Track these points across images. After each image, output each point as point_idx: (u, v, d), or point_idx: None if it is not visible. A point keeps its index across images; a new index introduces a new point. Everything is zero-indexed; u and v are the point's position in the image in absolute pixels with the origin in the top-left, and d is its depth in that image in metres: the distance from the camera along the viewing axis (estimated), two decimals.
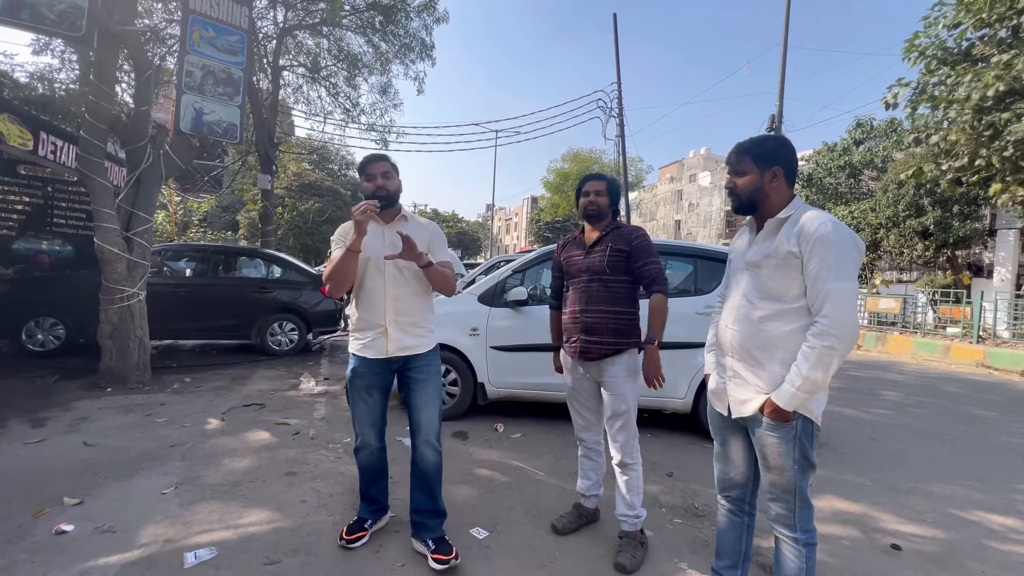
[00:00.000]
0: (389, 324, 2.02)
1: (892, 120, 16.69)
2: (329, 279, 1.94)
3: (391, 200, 2.04)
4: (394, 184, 2.06)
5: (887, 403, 5.44)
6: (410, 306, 2.05)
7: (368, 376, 2.05)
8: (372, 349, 2.03)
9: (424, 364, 2.09)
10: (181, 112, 5.16)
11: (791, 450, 1.48)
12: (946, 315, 11.29)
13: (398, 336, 2.03)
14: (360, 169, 2.08)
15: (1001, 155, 7.11)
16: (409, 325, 2.05)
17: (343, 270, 1.91)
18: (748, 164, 1.57)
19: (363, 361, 2.05)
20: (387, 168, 2.05)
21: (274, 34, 10.32)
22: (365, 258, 1.99)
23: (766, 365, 1.50)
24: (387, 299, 2.01)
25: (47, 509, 2.38)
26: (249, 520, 2.35)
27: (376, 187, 2.00)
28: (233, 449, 3.27)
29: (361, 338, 2.06)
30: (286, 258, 7.48)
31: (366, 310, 2.04)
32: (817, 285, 1.40)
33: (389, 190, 2.03)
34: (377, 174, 2.02)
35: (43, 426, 3.57)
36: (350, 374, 2.08)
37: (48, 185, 7.35)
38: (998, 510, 2.83)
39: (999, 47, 7.24)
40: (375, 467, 2.21)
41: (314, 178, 21.58)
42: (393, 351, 2.03)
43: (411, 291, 2.05)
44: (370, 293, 2.03)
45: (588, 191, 2.28)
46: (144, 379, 4.90)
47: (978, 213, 13.40)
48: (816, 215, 1.44)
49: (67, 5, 4.24)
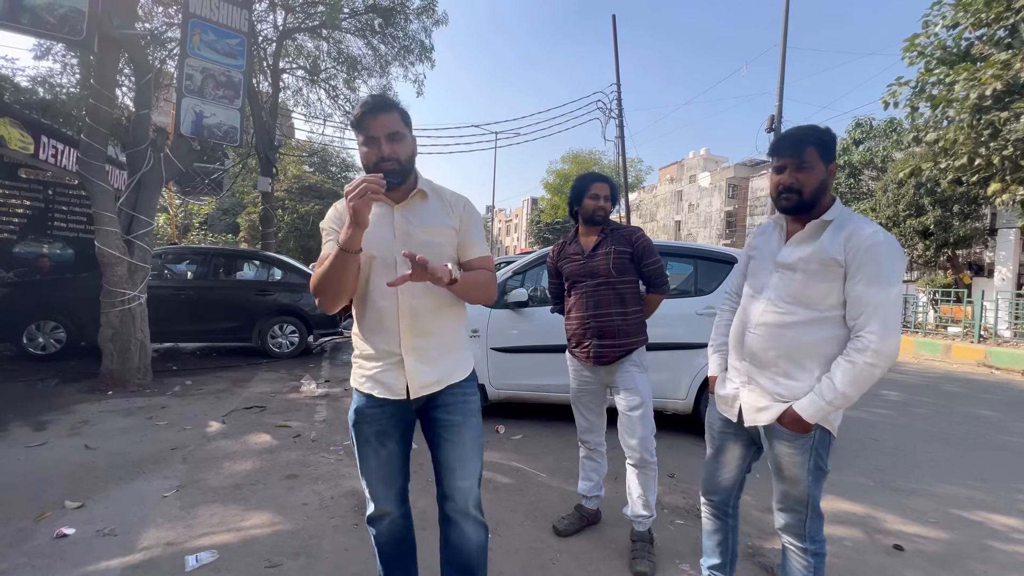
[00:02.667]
0: (407, 352, 1.36)
1: (891, 120, 16.71)
2: (319, 289, 1.30)
3: (403, 174, 1.34)
4: (406, 148, 1.35)
5: (888, 403, 5.43)
6: (435, 324, 1.40)
7: (379, 420, 1.41)
8: (382, 386, 1.38)
9: (458, 400, 1.43)
10: (181, 115, 5.17)
11: (806, 461, 1.41)
12: (947, 314, 11.28)
13: (419, 368, 1.37)
14: (355, 125, 1.34)
15: (1001, 154, 7.12)
16: (435, 351, 1.40)
17: (337, 277, 1.25)
18: (815, 157, 1.38)
19: (371, 401, 1.40)
20: (395, 124, 1.32)
21: (274, 37, 10.34)
22: (368, 257, 1.34)
23: (791, 374, 1.41)
24: (402, 316, 1.35)
25: (48, 513, 2.38)
26: (250, 523, 2.35)
27: (380, 155, 1.30)
28: (234, 452, 3.27)
29: (366, 369, 1.40)
30: (286, 260, 7.49)
31: (372, 332, 1.38)
32: (865, 298, 1.30)
33: (400, 158, 1.32)
34: (380, 136, 1.30)
35: (44, 429, 3.57)
36: (354, 416, 1.43)
37: (49, 189, 7.37)
38: (1000, 510, 2.83)
39: (997, 47, 7.25)
40: (397, 541, 1.62)
41: (314, 180, 21.60)
42: (416, 390, 1.38)
43: (435, 303, 1.38)
44: (377, 308, 1.36)
45: (597, 194, 2.21)
46: (145, 382, 4.90)
47: (978, 212, 13.40)
48: (867, 223, 1.36)
49: (67, 9, 4.26)
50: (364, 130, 1.32)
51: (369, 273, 1.37)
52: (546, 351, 3.86)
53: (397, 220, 1.38)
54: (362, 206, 1.16)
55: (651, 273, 2.22)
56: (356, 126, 1.34)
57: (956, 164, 7.79)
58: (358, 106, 1.34)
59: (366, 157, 1.34)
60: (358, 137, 1.35)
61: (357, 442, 1.46)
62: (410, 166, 1.38)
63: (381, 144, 1.31)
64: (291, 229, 19.99)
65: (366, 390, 1.41)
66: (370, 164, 1.32)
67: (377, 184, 1.16)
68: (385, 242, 1.36)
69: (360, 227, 1.20)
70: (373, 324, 1.38)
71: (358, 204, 1.16)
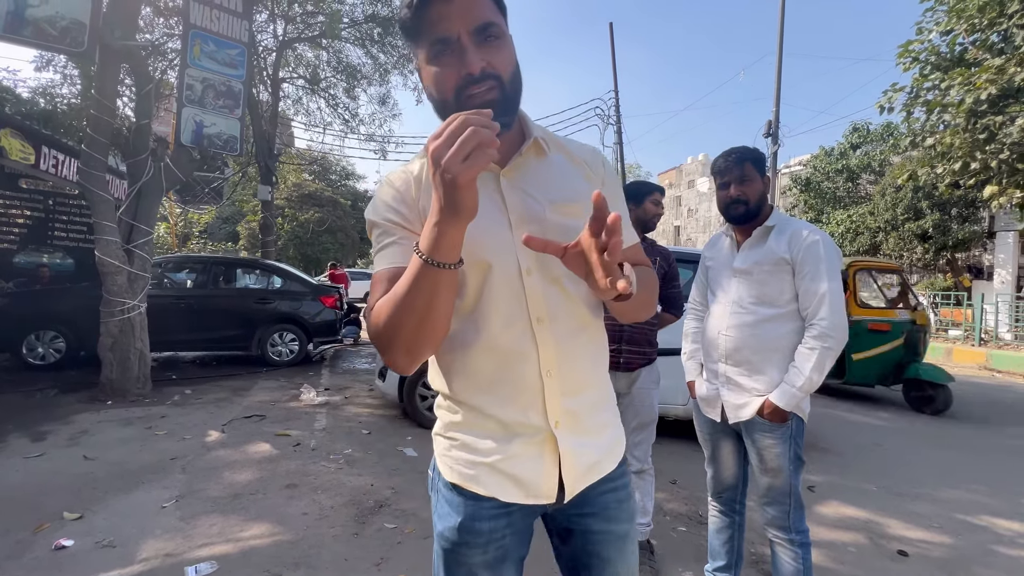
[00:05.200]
0: (558, 422, 0.80)
1: (888, 124, 16.81)
2: (386, 334, 0.70)
3: (511, 106, 0.75)
4: (508, 56, 0.74)
5: (891, 407, 5.41)
6: (589, 368, 0.84)
7: (500, 540, 0.83)
8: (517, 484, 0.80)
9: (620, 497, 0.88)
10: (182, 125, 5.20)
11: (787, 450, 1.54)
12: (947, 318, 11.28)
13: (577, 448, 0.82)
14: (409, 23, 0.73)
15: (997, 157, 7.16)
16: (592, 414, 0.85)
17: (423, 310, 0.66)
18: (753, 171, 1.60)
19: (490, 508, 0.81)
20: (484, 10, 0.72)
21: (274, 47, 10.43)
22: (479, 268, 0.77)
23: (763, 368, 1.55)
24: (544, 358, 0.78)
25: (47, 524, 2.36)
26: (250, 533, 2.34)
27: (468, 72, 0.70)
28: (234, 461, 3.25)
29: (480, 455, 0.81)
30: (286, 268, 7.49)
31: (486, 392, 0.80)
32: (812, 288, 1.49)
33: (501, 74, 0.72)
34: (462, 33, 0.70)
35: (43, 440, 3.55)
36: (456, 535, 0.82)
37: (49, 199, 7.39)
38: (1005, 515, 2.81)
39: (991, 52, 7.31)
40: None
41: (314, 188, 21.69)
42: (572, 487, 0.82)
43: (585, 333, 0.83)
44: (498, 351, 0.79)
45: (658, 200, 2.28)
46: (144, 391, 4.88)
47: (977, 216, 13.44)
48: (804, 225, 1.57)
49: (69, 21, 4.29)
50: (428, 27, 0.71)
51: (477, 291, 0.78)
52: None
53: (509, 196, 0.79)
54: (472, 175, 0.57)
55: (673, 295, 2.33)
56: (411, 23, 0.73)
57: (953, 168, 7.83)
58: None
59: (436, 82, 0.73)
60: (417, 49, 0.76)
61: (448, 569, 0.84)
62: (516, 92, 0.75)
63: (466, 50, 0.70)
64: (291, 237, 20.04)
65: (483, 490, 0.80)
66: (447, 93, 0.72)
67: (488, 125, 0.57)
68: (498, 235, 0.77)
69: (465, 217, 0.61)
70: (490, 378, 0.79)
71: (464, 172, 0.56)
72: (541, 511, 0.86)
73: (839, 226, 15.74)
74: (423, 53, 0.75)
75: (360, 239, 21.92)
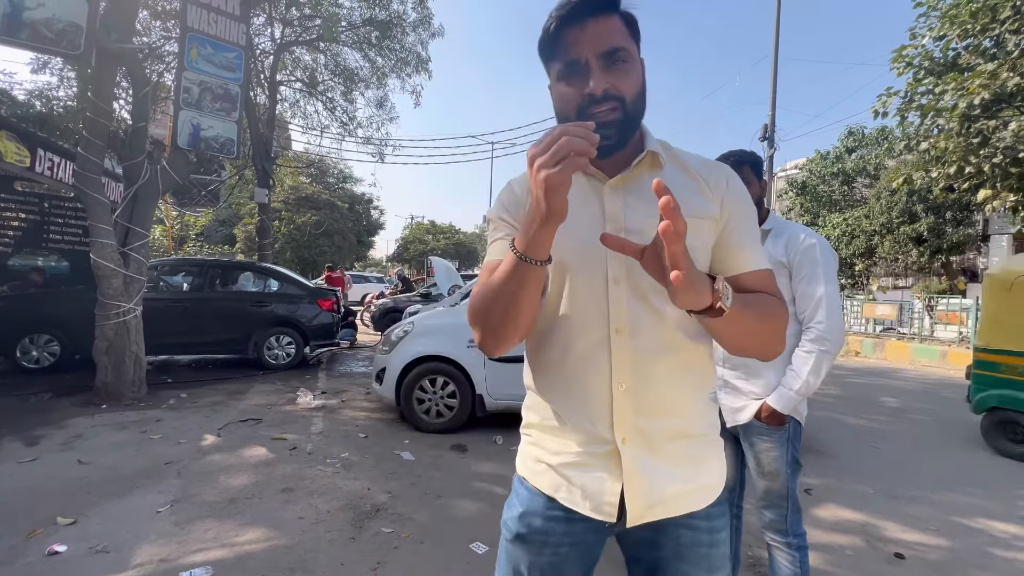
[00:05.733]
0: (625, 439, 0.79)
1: (883, 128, 16.93)
2: (478, 316, 0.79)
3: (626, 127, 0.78)
4: (634, 80, 0.78)
5: (888, 410, 5.43)
6: (673, 391, 0.81)
7: (558, 544, 0.84)
8: (577, 491, 0.81)
9: (702, 541, 0.82)
10: (178, 128, 5.19)
11: (784, 454, 1.55)
12: (942, 320, 11.33)
13: (647, 471, 0.79)
14: (546, 44, 0.80)
15: (991, 161, 7.22)
16: (674, 440, 0.81)
17: (508, 300, 0.73)
18: (750, 175, 1.60)
19: (552, 507, 0.84)
20: (614, 36, 0.76)
21: (271, 50, 10.43)
22: (562, 268, 0.81)
23: (760, 372, 1.56)
24: (617, 369, 0.79)
25: (40, 529, 2.34)
26: (245, 538, 2.32)
27: (589, 92, 0.76)
28: (229, 465, 3.23)
29: (550, 455, 0.85)
30: (283, 271, 7.47)
31: (562, 395, 0.83)
32: (809, 292, 1.51)
33: (624, 96, 0.76)
34: (589, 57, 0.75)
35: (36, 444, 3.52)
36: (517, 524, 0.86)
37: (45, 201, 7.34)
38: (1001, 517, 2.82)
39: (983, 57, 7.38)
40: None
41: (311, 191, 21.68)
42: (638, 510, 0.79)
43: (673, 352, 0.80)
44: (574, 355, 0.82)
45: None
46: (139, 395, 4.85)
47: (971, 219, 13.55)
48: (801, 228, 1.59)
49: (66, 24, 4.28)
50: (559, 50, 0.77)
51: (561, 293, 0.82)
52: None
53: (610, 205, 0.81)
54: (562, 181, 0.61)
55: None
56: (547, 45, 0.79)
57: (948, 172, 7.89)
58: (553, 11, 0.77)
59: (562, 99, 0.79)
60: (549, 66, 0.81)
61: (506, 563, 0.87)
62: (638, 112, 0.79)
63: (591, 72, 0.75)
64: (288, 240, 20.00)
65: (544, 488, 0.84)
66: (569, 110, 0.78)
67: (587, 138, 0.60)
68: (591, 242, 0.75)
69: (553, 218, 0.65)
70: (564, 380, 0.82)
71: (554, 177, 0.61)
72: (608, 533, 0.84)
73: (835, 229, 15.83)
74: (554, 72, 0.81)
75: (357, 242, 21.92)
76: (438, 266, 8.22)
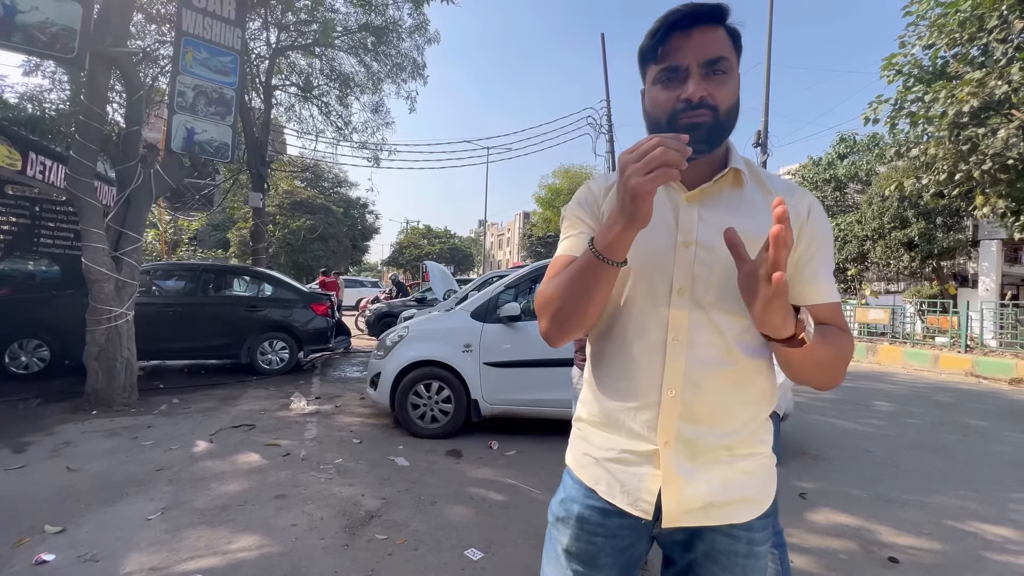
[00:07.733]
0: (668, 441, 0.80)
1: (874, 135, 17.15)
2: (546, 306, 0.82)
3: (717, 136, 0.80)
4: (730, 91, 0.79)
5: (880, 414, 5.46)
6: (725, 403, 0.81)
7: (594, 537, 0.85)
8: (617, 486, 0.83)
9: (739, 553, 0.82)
10: (172, 132, 5.17)
11: None
12: (934, 325, 11.43)
13: (686, 475, 0.80)
14: (649, 50, 0.80)
15: (980, 168, 7.32)
16: (720, 450, 0.81)
17: (580, 294, 0.77)
18: None
19: (593, 499, 0.86)
20: (718, 46, 0.78)
21: (267, 54, 10.42)
22: (630, 270, 0.82)
23: None
24: (669, 375, 0.80)
25: (27, 538, 2.30)
26: (238, 545, 2.29)
27: (686, 98, 0.77)
28: (222, 472, 3.20)
29: (595, 448, 0.88)
30: (277, 276, 7.43)
31: (614, 391, 0.85)
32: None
33: (719, 106, 0.78)
34: (691, 64, 0.77)
35: (25, 451, 3.47)
36: (561, 509, 0.90)
37: (36, 205, 7.27)
38: (993, 520, 2.84)
39: (971, 65, 7.51)
40: None
41: (306, 196, 21.63)
42: (675, 511, 0.80)
43: (732, 366, 0.80)
44: (630, 355, 0.83)
45: None
46: (131, 401, 4.80)
47: (961, 224, 13.71)
48: None
49: (59, 27, 4.27)
50: (663, 55, 0.78)
51: (624, 299, 0.83)
52: (538, 365, 3.86)
53: (685, 218, 0.82)
54: (649, 188, 0.64)
55: None
56: (650, 50, 0.80)
57: (938, 178, 8.00)
58: (660, 18, 0.78)
59: (655, 103, 0.80)
60: (646, 70, 0.82)
61: (551, 550, 0.91)
62: (729, 124, 0.80)
63: (690, 78, 0.76)
64: (282, 244, 19.93)
65: (588, 480, 0.86)
66: (661, 115, 0.79)
67: (681, 151, 0.63)
68: (660, 253, 0.81)
69: (636, 224, 0.68)
70: (617, 377, 0.84)
71: (642, 185, 0.63)
72: (646, 532, 0.85)
73: None
74: (652, 76, 0.81)
75: (352, 246, 21.87)
76: (433, 270, 8.23)
